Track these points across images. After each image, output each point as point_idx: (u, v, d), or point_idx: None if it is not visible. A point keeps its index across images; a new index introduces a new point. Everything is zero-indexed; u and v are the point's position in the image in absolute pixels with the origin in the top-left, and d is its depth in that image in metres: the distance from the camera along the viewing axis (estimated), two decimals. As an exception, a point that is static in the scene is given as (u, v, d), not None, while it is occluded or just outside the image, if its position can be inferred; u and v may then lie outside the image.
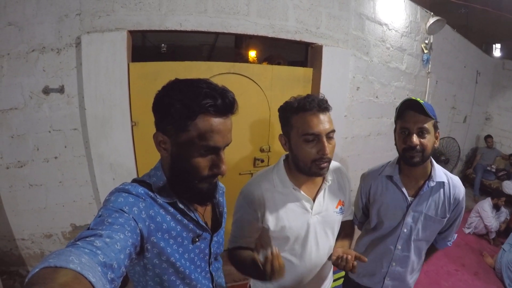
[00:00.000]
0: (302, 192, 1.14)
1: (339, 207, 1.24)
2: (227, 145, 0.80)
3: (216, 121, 0.75)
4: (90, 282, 0.46)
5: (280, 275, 0.90)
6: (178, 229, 0.81)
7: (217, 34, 2.42)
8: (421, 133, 1.18)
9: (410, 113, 1.20)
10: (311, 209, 1.16)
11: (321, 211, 1.18)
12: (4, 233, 2.36)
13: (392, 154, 3.51)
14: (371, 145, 3.39)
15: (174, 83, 0.77)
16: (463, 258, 3.40)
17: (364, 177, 1.49)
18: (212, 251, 0.93)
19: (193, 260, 0.87)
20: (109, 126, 2.17)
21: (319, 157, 1.04)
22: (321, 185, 1.19)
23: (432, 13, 3.55)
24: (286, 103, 1.11)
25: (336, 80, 2.75)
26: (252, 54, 4.53)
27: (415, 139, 1.18)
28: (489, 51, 6.71)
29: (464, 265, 3.23)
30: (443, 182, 1.29)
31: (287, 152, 1.17)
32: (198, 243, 0.87)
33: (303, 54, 2.94)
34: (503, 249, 3.22)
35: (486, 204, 4.03)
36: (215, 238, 0.94)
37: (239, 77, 2.47)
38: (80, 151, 2.27)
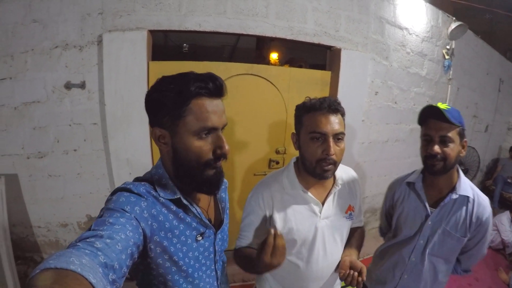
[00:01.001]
0: (311, 194, 1.13)
1: (349, 212, 1.21)
2: (224, 126, 0.80)
3: (210, 102, 0.76)
4: (90, 283, 0.45)
5: (281, 257, 0.84)
6: (181, 228, 0.80)
7: (235, 35, 2.43)
8: (444, 141, 1.13)
9: (432, 120, 1.15)
10: (320, 213, 1.14)
11: (330, 215, 1.16)
12: (22, 220, 2.44)
13: (410, 161, 3.49)
14: (388, 152, 3.33)
15: (162, 79, 0.78)
16: (477, 272, 3.26)
17: (391, 184, 1.47)
18: (216, 248, 0.92)
19: (197, 258, 0.86)
20: (127, 122, 2.21)
21: (324, 157, 1.02)
22: (331, 189, 1.17)
23: (454, 18, 3.46)
24: (302, 102, 1.12)
25: (354, 84, 2.72)
26: (274, 56, 4.52)
27: (437, 147, 1.13)
28: (514, 58, 6.49)
29: (477, 280, 3.11)
30: (468, 197, 1.21)
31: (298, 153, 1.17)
32: (202, 241, 0.86)
33: (324, 58, 2.91)
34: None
35: (504, 218, 3.87)
36: (219, 236, 0.93)
37: (257, 79, 2.47)
38: (99, 145, 2.33)
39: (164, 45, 4.15)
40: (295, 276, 1.20)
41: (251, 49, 4.68)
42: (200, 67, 2.30)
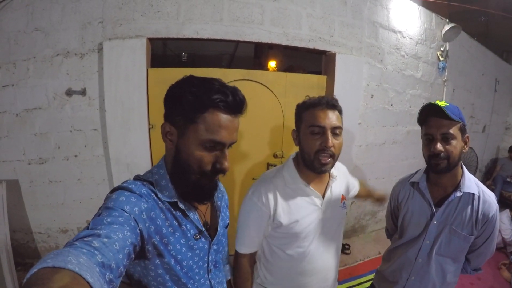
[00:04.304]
0: (312, 188, 1.17)
1: (343, 201, 1.27)
2: (233, 143, 0.80)
3: (225, 117, 0.75)
4: (88, 282, 0.45)
5: None
6: (176, 236, 0.80)
7: (232, 42, 2.49)
8: (446, 139, 1.12)
9: (433, 118, 1.14)
10: (321, 205, 1.18)
11: (330, 207, 1.21)
12: (22, 226, 2.47)
13: (407, 163, 3.53)
14: (386, 154, 3.36)
15: (188, 77, 0.78)
16: (479, 271, 3.29)
17: (395, 185, 1.46)
18: (210, 258, 0.91)
19: (191, 267, 0.85)
20: (127, 128, 2.25)
21: (322, 149, 1.07)
22: (328, 181, 1.22)
23: (447, 20, 3.52)
24: (302, 101, 1.17)
25: (349, 87, 2.76)
26: (272, 64, 4.55)
27: (439, 146, 1.12)
28: (510, 59, 6.53)
29: (479, 279, 3.12)
30: (473, 195, 1.17)
31: (297, 151, 1.22)
32: (197, 251, 0.86)
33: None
34: (521, 264, 3.10)
35: (504, 216, 3.88)
36: (214, 246, 0.92)
37: (254, 84, 2.52)
38: (99, 151, 2.37)
39: (163, 55, 4.19)
40: (295, 269, 1.22)
41: (250, 57, 4.71)
42: (197, 73, 2.29)
